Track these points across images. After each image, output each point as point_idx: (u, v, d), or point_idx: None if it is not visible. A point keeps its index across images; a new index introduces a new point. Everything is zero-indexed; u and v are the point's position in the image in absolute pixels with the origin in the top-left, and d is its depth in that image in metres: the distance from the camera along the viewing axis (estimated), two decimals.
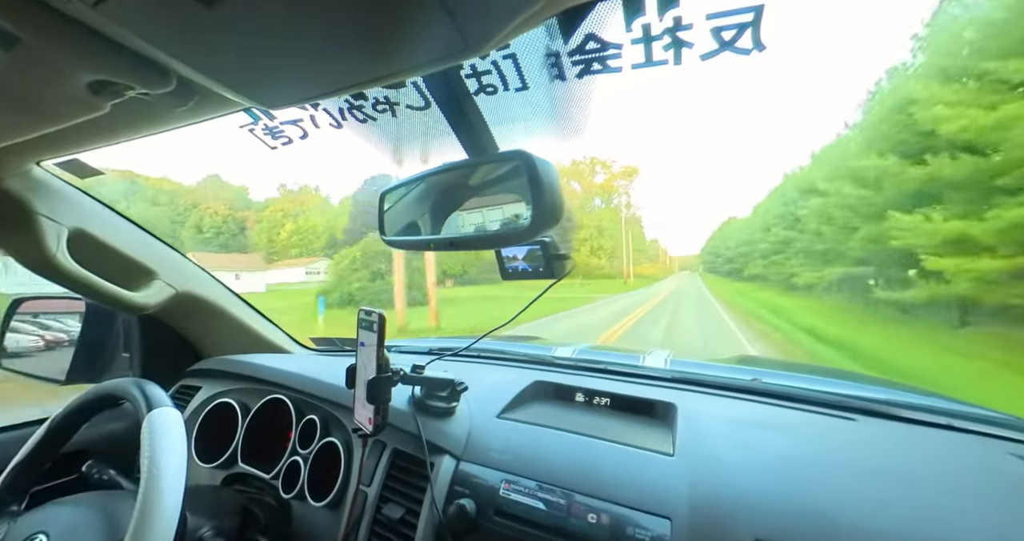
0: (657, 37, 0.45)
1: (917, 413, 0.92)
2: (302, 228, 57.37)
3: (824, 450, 0.80)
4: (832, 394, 1.01)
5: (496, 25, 0.41)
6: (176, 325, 1.42)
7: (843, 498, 0.67)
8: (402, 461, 0.92)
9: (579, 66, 0.52)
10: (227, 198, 62.40)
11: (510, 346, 1.50)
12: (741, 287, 36.89)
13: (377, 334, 0.80)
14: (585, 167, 72.12)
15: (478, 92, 0.61)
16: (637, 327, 12.87)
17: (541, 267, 0.75)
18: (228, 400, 1.21)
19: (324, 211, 64.46)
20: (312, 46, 0.44)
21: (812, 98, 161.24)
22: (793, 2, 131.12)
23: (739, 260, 49.06)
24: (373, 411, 0.81)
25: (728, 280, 54.47)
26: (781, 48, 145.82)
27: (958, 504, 0.65)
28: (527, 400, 1.09)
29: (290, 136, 0.80)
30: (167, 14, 0.39)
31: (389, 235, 0.75)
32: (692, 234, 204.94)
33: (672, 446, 0.83)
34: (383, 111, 0.69)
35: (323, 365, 1.26)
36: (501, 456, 0.86)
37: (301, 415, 1.11)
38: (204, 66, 0.48)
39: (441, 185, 0.70)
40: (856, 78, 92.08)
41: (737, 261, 51.07)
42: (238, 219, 59.36)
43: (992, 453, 0.80)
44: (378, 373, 0.80)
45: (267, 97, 0.57)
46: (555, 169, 0.54)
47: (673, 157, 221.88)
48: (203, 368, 1.39)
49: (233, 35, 0.42)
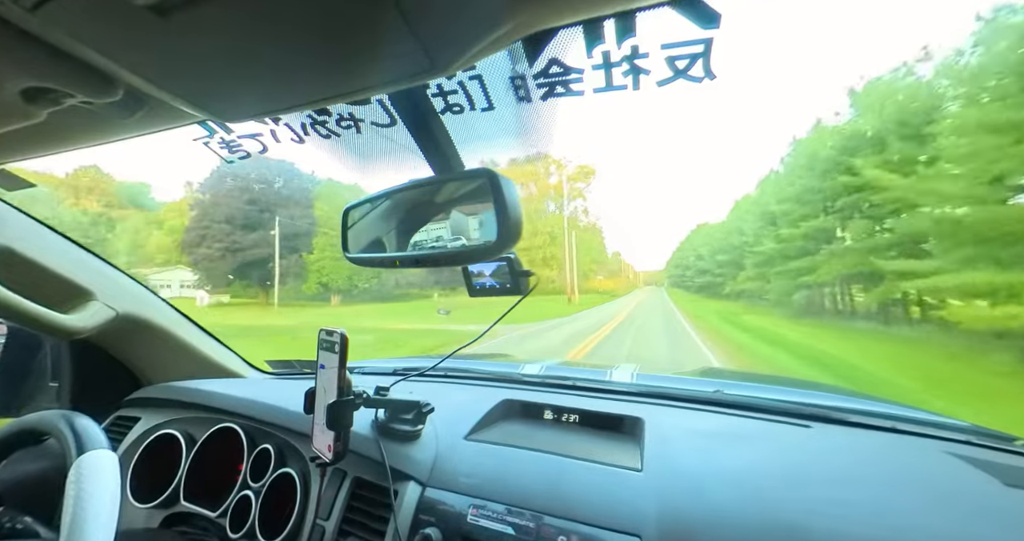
0: (616, 64, 0.47)
1: (864, 417, 0.99)
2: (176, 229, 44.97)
3: (783, 459, 0.83)
4: (788, 402, 1.06)
5: (462, 47, 0.42)
6: (114, 350, 1.31)
7: (803, 505, 0.69)
8: (364, 490, 0.88)
9: (543, 88, 0.54)
10: (111, 194, 49.65)
11: (478, 364, 1.48)
12: (720, 307, 28.62)
13: (339, 355, 0.77)
14: (539, 166, 59.12)
15: (444, 111, 0.61)
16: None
17: (508, 284, 0.75)
18: (171, 431, 1.12)
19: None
20: (273, 61, 0.43)
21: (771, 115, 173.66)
22: (746, 38, 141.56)
23: (716, 272, 41.05)
24: (333, 437, 0.76)
25: (700, 297, 46.29)
26: (742, 73, 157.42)
27: (904, 503, 0.70)
28: (496, 420, 1.07)
29: (248, 150, 0.77)
30: (117, 22, 0.38)
31: (353, 252, 0.73)
32: (658, 250, 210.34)
33: (640, 461, 0.83)
34: (347, 127, 0.68)
35: (279, 390, 1.20)
36: (469, 480, 0.83)
37: (254, 445, 1.03)
38: (156, 77, 0.46)
39: (407, 202, 0.70)
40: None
41: (712, 274, 43.01)
42: (114, 219, 44.86)
43: (930, 452, 0.87)
44: (339, 397, 0.77)
45: (224, 110, 0.55)
46: (516, 188, 0.55)
47: (636, 168, 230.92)
48: (143, 397, 1.28)
49: (189, 47, 0.41)
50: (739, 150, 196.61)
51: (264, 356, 1.59)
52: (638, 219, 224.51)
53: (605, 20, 0.42)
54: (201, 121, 0.67)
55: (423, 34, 0.39)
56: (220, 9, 0.35)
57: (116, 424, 1.26)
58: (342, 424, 0.77)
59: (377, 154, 0.75)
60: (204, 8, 0.35)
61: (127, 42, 0.41)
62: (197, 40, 0.40)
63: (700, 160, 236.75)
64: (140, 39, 0.40)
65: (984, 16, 12.13)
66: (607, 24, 0.42)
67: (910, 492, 0.72)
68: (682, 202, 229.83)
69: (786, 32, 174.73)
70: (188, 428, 1.13)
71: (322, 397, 0.80)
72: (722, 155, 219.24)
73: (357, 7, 0.35)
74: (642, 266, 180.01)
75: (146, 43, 0.41)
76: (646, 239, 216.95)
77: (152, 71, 0.45)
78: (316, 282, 25.40)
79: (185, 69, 0.45)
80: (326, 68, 0.45)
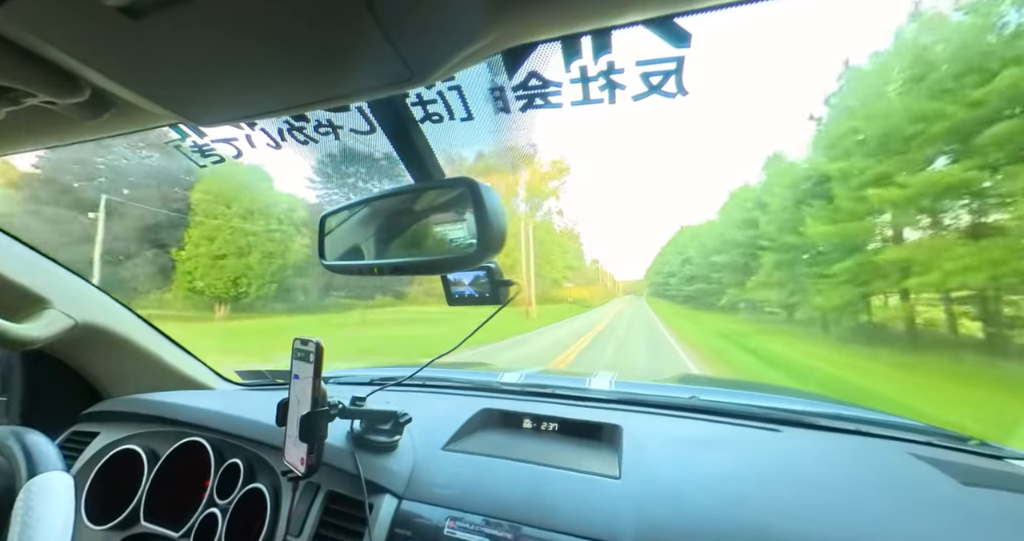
0: (593, 78, 0.48)
1: (832, 421, 1.03)
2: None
3: (756, 463, 0.85)
4: (760, 408, 1.09)
5: (441, 58, 0.42)
6: (72, 361, 1.24)
7: (775, 509, 0.71)
8: (337, 504, 0.85)
9: (522, 100, 0.55)
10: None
11: (456, 373, 1.47)
12: (720, 324, 20.10)
13: (314, 365, 0.75)
14: (505, 160, 52.17)
15: (424, 120, 0.62)
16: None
17: (487, 293, 0.75)
18: (132, 446, 1.06)
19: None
20: (250, 65, 0.43)
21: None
22: (718, 55, 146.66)
23: (711, 278, 30.84)
24: (306, 450, 0.74)
25: (689, 309, 36.55)
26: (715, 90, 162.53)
27: (870, 504, 0.72)
28: (474, 429, 1.06)
29: (222, 155, 0.76)
30: (85, 23, 0.37)
31: (330, 260, 0.72)
32: (638, 259, 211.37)
33: (618, 469, 0.84)
34: (326, 134, 0.68)
35: (250, 401, 1.16)
36: (446, 491, 0.82)
37: (221, 459, 0.99)
38: (126, 78, 0.45)
39: (386, 210, 0.69)
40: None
41: (705, 280, 33.17)
42: None
43: (894, 453, 0.90)
44: (314, 407, 0.75)
45: (198, 114, 0.54)
46: (499, 197, 0.55)
47: (615, 176, 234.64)
48: (103, 410, 1.22)
49: (162, 49, 0.40)
50: (719, 153, 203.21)
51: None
52: (618, 228, 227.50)
53: (582, 37, 0.43)
54: (173, 124, 0.65)
55: (402, 44, 0.39)
56: (195, 13, 0.35)
57: (72, 440, 1.19)
58: (316, 436, 0.75)
59: (355, 161, 0.74)
60: (178, 11, 0.34)
61: (96, 43, 0.40)
62: (171, 43, 0.39)
63: (679, 164, 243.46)
64: (110, 40, 0.39)
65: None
66: (584, 40, 0.44)
67: (876, 493, 0.75)
68: (663, 207, 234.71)
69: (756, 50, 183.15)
70: (151, 443, 1.08)
71: (295, 408, 0.77)
72: (701, 159, 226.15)
73: (333, 15, 0.35)
74: (622, 276, 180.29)
75: (116, 44, 0.40)
76: (626, 249, 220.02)
77: (122, 72, 0.44)
78: (187, 287, 18.31)
79: (158, 71, 0.44)
80: (304, 74, 0.45)
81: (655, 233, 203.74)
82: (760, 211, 20.20)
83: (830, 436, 0.99)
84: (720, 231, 28.58)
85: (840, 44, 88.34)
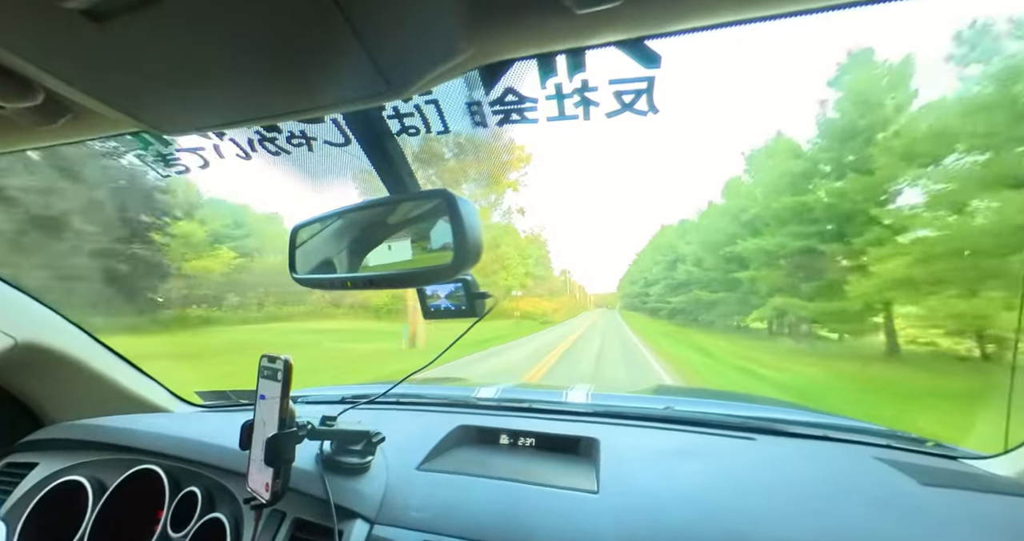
0: (568, 95, 0.50)
1: (801, 428, 1.06)
2: None
3: (732, 472, 0.86)
4: (734, 417, 1.12)
5: (418, 72, 0.43)
6: (9, 385, 1.14)
7: (750, 516, 0.72)
8: (305, 533, 0.80)
9: (499, 115, 0.56)
10: None
11: (432, 390, 1.44)
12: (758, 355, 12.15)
13: (281, 384, 0.72)
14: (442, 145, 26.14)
15: (400, 133, 0.62)
16: None
17: (463, 306, 0.74)
18: (76, 477, 0.98)
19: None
20: (219, 74, 0.42)
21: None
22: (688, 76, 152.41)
23: (720, 280, 21.03)
24: (272, 475, 0.70)
25: (678, 326, 26.69)
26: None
27: (838, 507, 0.75)
28: (450, 447, 1.03)
29: (187, 165, 0.73)
30: (41, 25, 0.35)
31: (301, 273, 0.69)
32: (611, 271, 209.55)
33: (596, 483, 0.83)
34: (299, 145, 0.67)
35: (211, 424, 1.09)
36: (420, 514, 0.79)
37: (177, 488, 0.93)
38: (84, 83, 0.43)
39: (360, 222, 0.68)
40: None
41: (704, 287, 23.14)
42: None
43: (859, 457, 0.94)
44: (281, 429, 0.71)
45: (162, 122, 0.52)
46: (476, 209, 0.55)
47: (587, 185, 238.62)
48: (43, 438, 1.12)
49: (126, 55, 0.38)
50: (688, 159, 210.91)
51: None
52: (588, 237, 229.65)
53: (557, 55, 0.44)
54: (135, 132, 0.62)
55: (379, 57, 0.39)
56: (162, 17, 0.34)
57: (6, 472, 1.09)
58: (283, 459, 0.71)
59: (329, 172, 0.73)
60: (144, 16, 0.33)
61: (52, 46, 0.38)
62: (135, 48, 0.37)
63: (650, 167, 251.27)
64: (68, 44, 0.37)
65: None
66: (559, 59, 0.45)
67: (844, 498, 0.78)
68: (635, 214, 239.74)
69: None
70: (97, 473, 0.99)
71: (261, 430, 0.73)
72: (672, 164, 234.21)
73: (309, 24, 0.35)
74: (595, 288, 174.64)
75: (75, 48, 0.38)
76: (598, 260, 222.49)
77: (81, 77, 0.42)
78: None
79: (120, 77, 0.42)
80: (277, 84, 0.44)
81: (629, 241, 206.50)
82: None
83: (801, 443, 1.02)
84: (734, 213, 19.51)
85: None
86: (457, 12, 0.37)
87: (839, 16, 0.40)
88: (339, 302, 26.22)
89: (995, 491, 0.79)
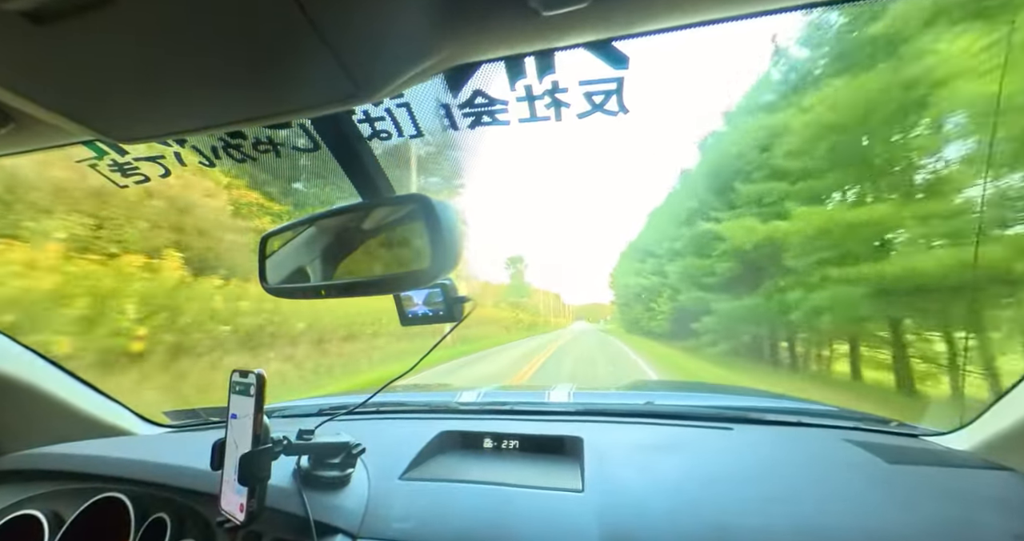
0: (539, 97, 0.50)
1: (776, 415, 1.10)
2: None
3: (711, 463, 0.89)
4: (712, 408, 1.15)
5: (388, 76, 0.42)
6: None
7: (732, 506, 0.74)
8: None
9: (470, 118, 0.56)
10: None
11: (412, 397, 1.41)
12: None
13: (255, 399, 0.69)
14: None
15: (372, 137, 0.61)
16: None
17: (441, 311, 0.74)
18: (30, 511, 0.91)
19: None
20: (177, 78, 0.40)
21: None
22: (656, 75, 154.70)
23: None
24: (247, 494, 0.67)
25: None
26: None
27: (813, 491, 0.78)
28: (433, 454, 1.02)
29: (146, 174, 0.70)
30: None
31: (272, 283, 0.67)
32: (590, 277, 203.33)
33: (581, 481, 0.84)
34: (265, 151, 0.65)
35: (180, 445, 1.04)
36: (403, 524, 0.77)
37: (144, 516, 0.88)
38: (28, 90, 0.40)
39: (333, 228, 0.66)
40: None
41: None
42: None
43: (830, 440, 0.98)
44: (255, 445, 0.68)
45: (116, 130, 0.49)
46: (454, 211, 0.54)
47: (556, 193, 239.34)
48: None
49: (74, 59, 0.36)
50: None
51: None
52: (559, 243, 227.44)
53: (526, 57, 0.45)
54: (88, 142, 0.59)
55: (346, 60, 0.38)
56: (114, 19, 0.32)
57: None
58: (258, 477, 0.68)
59: (297, 178, 0.71)
60: (94, 17, 0.31)
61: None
62: (84, 53, 0.35)
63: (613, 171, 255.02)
64: (10, 48, 0.35)
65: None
66: (528, 61, 0.45)
67: (817, 479, 0.81)
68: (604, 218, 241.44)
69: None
70: (54, 505, 0.93)
71: (233, 449, 0.70)
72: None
73: (270, 26, 0.34)
74: (572, 298, 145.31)
75: (17, 52, 0.36)
76: (575, 268, 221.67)
77: (24, 84, 0.40)
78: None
79: (69, 83, 0.40)
80: (240, 89, 0.42)
81: (605, 248, 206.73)
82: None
83: (776, 430, 1.06)
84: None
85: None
86: (425, 14, 0.37)
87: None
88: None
89: (954, 465, 0.85)
